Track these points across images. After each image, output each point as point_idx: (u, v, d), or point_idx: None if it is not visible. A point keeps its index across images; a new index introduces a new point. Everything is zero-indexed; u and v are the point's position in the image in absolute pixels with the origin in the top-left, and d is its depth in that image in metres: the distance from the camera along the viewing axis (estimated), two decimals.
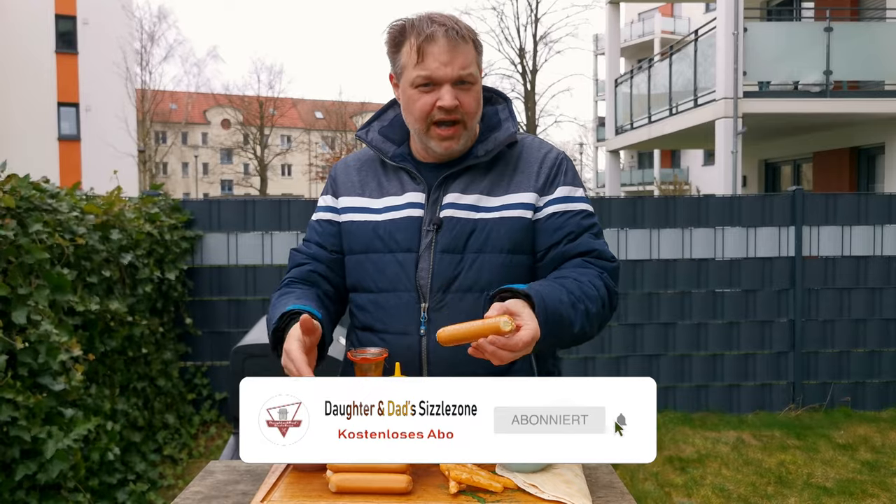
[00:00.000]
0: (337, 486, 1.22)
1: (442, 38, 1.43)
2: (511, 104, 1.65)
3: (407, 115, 1.52)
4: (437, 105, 1.45)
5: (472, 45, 1.47)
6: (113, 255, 4.01)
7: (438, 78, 1.44)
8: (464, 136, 1.50)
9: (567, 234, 1.51)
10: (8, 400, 2.77)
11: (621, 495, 1.31)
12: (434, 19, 1.45)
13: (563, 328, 1.38)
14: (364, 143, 1.63)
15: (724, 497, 4.06)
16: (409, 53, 1.46)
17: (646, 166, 35.42)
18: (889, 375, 5.62)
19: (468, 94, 1.47)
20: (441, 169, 1.55)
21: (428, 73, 1.44)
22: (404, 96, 1.51)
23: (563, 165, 1.57)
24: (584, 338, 1.47)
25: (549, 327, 1.33)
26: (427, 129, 1.49)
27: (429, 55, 1.44)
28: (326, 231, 1.62)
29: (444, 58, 1.43)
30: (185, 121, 44.51)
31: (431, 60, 1.44)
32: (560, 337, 1.39)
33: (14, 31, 22.44)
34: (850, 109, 9.80)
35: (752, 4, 12.40)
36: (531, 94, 24.10)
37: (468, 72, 1.46)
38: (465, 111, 1.47)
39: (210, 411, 5.26)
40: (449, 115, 1.46)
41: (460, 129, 1.49)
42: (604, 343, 5.51)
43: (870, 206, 5.58)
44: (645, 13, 35.63)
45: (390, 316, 1.52)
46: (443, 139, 1.49)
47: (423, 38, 1.43)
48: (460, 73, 1.45)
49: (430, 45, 1.43)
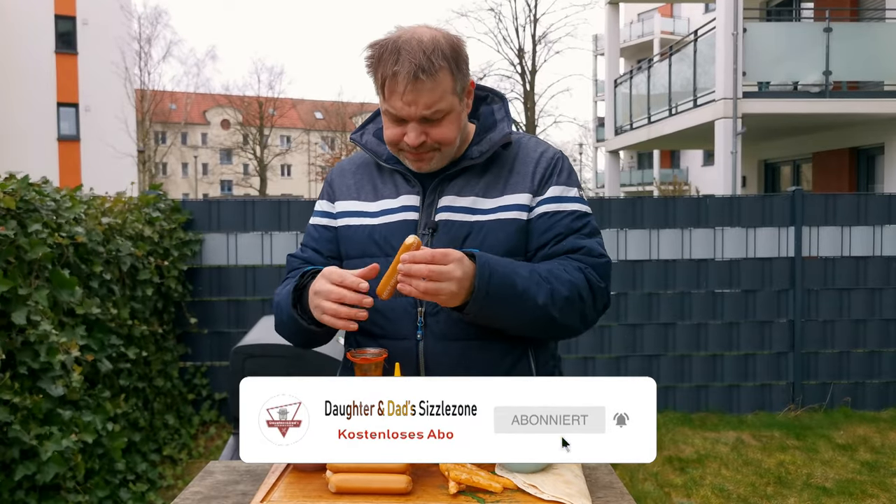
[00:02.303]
0: (337, 487, 1.22)
1: (403, 79, 1.37)
2: (507, 103, 1.63)
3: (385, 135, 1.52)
4: (405, 140, 1.45)
5: (445, 74, 1.40)
6: (113, 257, 4.01)
7: (403, 116, 1.42)
8: (437, 157, 1.48)
9: (555, 235, 1.49)
10: (6, 401, 2.77)
11: (621, 495, 1.31)
12: (401, 54, 1.37)
13: (516, 294, 1.37)
14: (359, 147, 1.62)
15: (724, 497, 4.06)
16: (379, 83, 1.43)
17: (645, 167, 35.43)
18: (889, 375, 5.62)
19: (439, 125, 1.44)
20: (435, 171, 1.54)
21: (394, 112, 1.43)
22: (382, 115, 1.50)
23: (558, 165, 1.55)
24: (557, 323, 1.43)
25: (493, 285, 1.33)
26: (398, 152, 1.49)
27: (393, 94, 1.40)
28: (323, 237, 1.61)
29: (408, 97, 1.39)
30: (185, 121, 44.51)
31: (395, 99, 1.40)
32: (512, 302, 1.37)
33: (14, 31, 22.44)
34: (849, 110, 9.80)
35: (751, 5, 12.41)
36: (530, 95, 24.10)
37: (434, 110, 1.41)
38: (436, 140, 1.45)
39: (210, 411, 5.26)
40: (415, 152, 1.46)
41: (433, 154, 1.47)
42: (604, 343, 5.51)
43: (869, 207, 5.58)
44: (644, 13, 35.63)
45: (387, 321, 1.50)
46: (415, 160, 1.49)
47: (388, 73, 1.39)
48: (423, 114, 1.41)
49: (394, 83, 1.39)
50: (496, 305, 1.36)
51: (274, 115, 44.42)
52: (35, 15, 23.19)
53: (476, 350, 1.47)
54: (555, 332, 1.50)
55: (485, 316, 1.38)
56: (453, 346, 1.47)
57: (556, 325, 1.44)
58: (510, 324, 1.43)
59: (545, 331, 1.48)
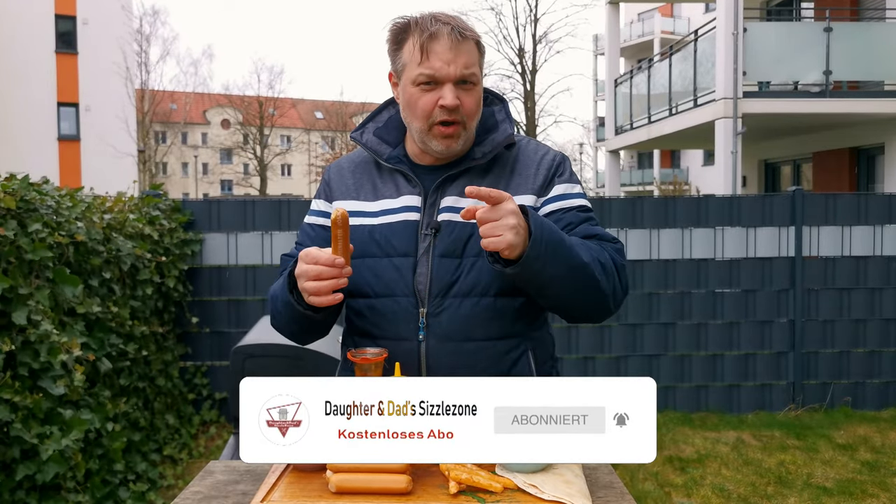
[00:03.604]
0: (337, 487, 1.22)
1: (446, 36, 1.42)
2: (508, 105, 1.63)
3: (407, 113, 1.51)
4: (439, 104, 1.44)
5: (475, 46, 1.46)
6: (113, 257, 4.02)
7: (441, 76, 1.43)
8: (463, 136, 1.49)
9: (566, 224, 1.50)
10: (6, 400, 2.77)
11: (621, 495, 1.31)
12: (438, 17, 1.44)
13: (563, 248, 1.35)
14: (358, 145, 1.61)
15: (724, 497, 4.06)
16: (412, 51, 1.44)
17: (645, 166, 35.43)
18: (889, 375, 5.62)
19: (469, 94, 1.46)
20: (437, 171, 1.53)
21: (431, 72, 1.43)
22: (405, 95, 1.49)
23: (560, 166, 1.57)
24: (600, 287, 1.41)
25: (544, 237, 1.32)
26: (429, 128, 1.47)
27: (432, 53, 1.42)
28: (320, 236, 1.60)
29: (448, 56, 1.42)
30: (185, 121, 44.51)
31: (435, 59, 1.42)
32: (562, 255, 1.35)
33: (14, 31, 22.43)
34: (849, 109, 9.80)
35: (751, 4, 12.41)
36: (531, 94, 24.08)
37: (471, 71, 1.44)
38: (465, 112, 1.46)
39: (210, 411, 5.26)
40: (450, 115, 1.45)
41: (460, 129, 1.47)
42: (604, 343, 5.52)
43: (870, 206, 5.58)
44: (644, 13, 35.63)
45: (388, 321, 1.50)
46: (444, 137, 1.47)
47: (426, 35, 1.42)
48: (463, 73, 1.43)
49: (434, 43, 1.42)
50: (549, 256, 1.33)
51: (274, 114, 44.41)
52: (35, 15, 23.19)
53: (477, 351, 1.47)
54: (595, 299, 1.44)
55: (537, 269, 1.34)
56: (455, 347, 1.47)
57: (599, 290, 1.42)
58: (558, 281, 1.37)
59: (588, 294, 1.42)
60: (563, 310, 1.48)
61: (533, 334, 1.55)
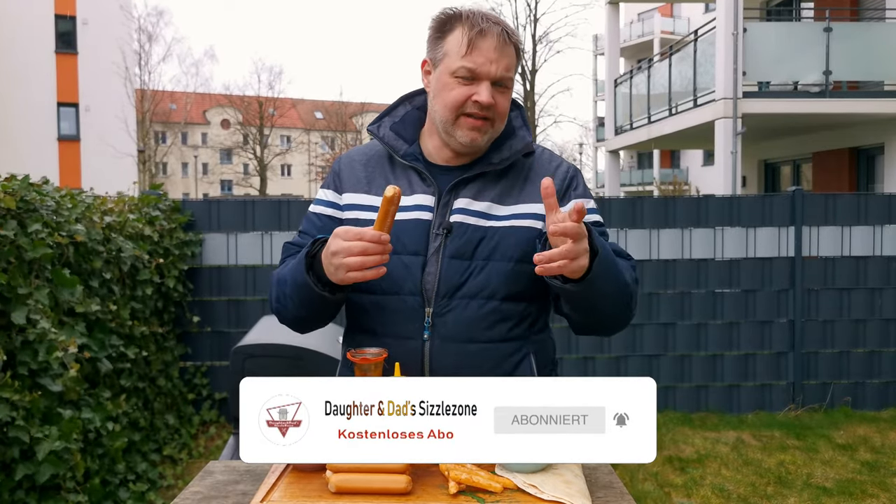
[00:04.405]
0: (336, 487, 1.22)
1: (495, 35, 1.45)
2: (524, 111, 1.63)
3: (437, 101, 1.50)
4: (473, 99, 1.45)
5: (515, 52, 1.49)
6: (113, 257, 4.02)
7: (482, 73, 1.45)
8: (489, 133, 1.50)
9: None
10: (5, 399, 2.77)
11: (621, 495, 1.31)
12: (489, 17, 1.47)
13: (615, 268, 1.39)
14: (375, 139, 1.59)
15: (724, 497, 4.06)
16: (458, 42, 1.46)
17: (645, 167, 35.42)
18: (889, 375, 5.62)
19: (503, 96, 1.48)
20: (452, 172, 1.53)
21: (473, 66, 1.45)
22: (438, 83, 1.50)
23: (575, 179, 1.58)
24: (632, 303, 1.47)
25: (607, 256, 1.35)
26: (456, 118, 1.48)
27: (478, 49, 1.44)
28: (326, 226, 1.56)
29: (492, 55, 1.44)
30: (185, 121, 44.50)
31: (479, 55, 1.44)
32: (612, 275, 1.38)
33: (14, 32, 22.44)
34: (849, 110, 9.80)
35: (751, 4, 12.41)
36: (531, 94, 24.09)
37: (509, 75, 1.48)
38: (497, 111, 1.48)
39: (210, 411, 5.26)
40: (482, 112, 1.46)
41: (488, 125, 1.49)
42: (604, 343, 5.51)
43: (869, 207, 5.58)
44: (644, 13, 35.63)
45: (393, 320, 1.49)
46: (471, 129, 1.47)
47: (476, 30, 1.44)
48: (503, 75, 1.46)
49: (482, 40, 1.44)
50: (607, 275, 1.36)
51: (274, 114, 44.41)
52: (35, 15, 23.20)
53: (480, 352, 1.48)
54: (625, 317, 1.49)
55: (598, 286, 1.36)
56: (458, 348, 1.47)
57: (630, 309, 1.48)
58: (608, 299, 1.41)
59: (623, 312, 1.47)
60: (594, 325, 1.50)
61: (535, 338, 1.55)
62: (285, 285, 1.49)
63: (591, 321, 1.49)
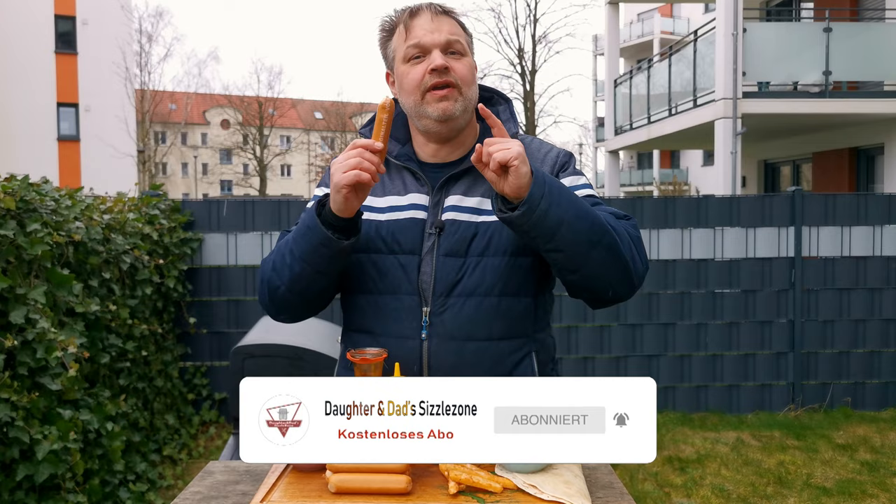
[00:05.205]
0: (336, 487, 1.22)
1: (426, 10, 1.50)
2: (512, 105, 1.63)
3: (403, 94, 1.53)
4: (429, 69, 1.47)
5: (457, 23, 1.53)
6: (113, 257, 4.01)
7: (427, 44, 1.48)
8: (460, 101, 1.49)
9: None
10: (5, 400, 2.76)
11: (621, 495, 1.31)
12: (420, 4, 1.53)
13: (567, 192, 1.35)
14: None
15: (724, 497, 4.06)
16: (400, 34, 1.51)
17: (645, 167, 35.42)
18: (889, 375, 5.62)
19: (459, 62, 1.50)
20: (442, 170, 1.54)
21: (416, 41, 1.48)
22: (399, 79, 1.53)
23: (566, 164, 1.57)
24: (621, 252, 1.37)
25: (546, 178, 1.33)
26: (422, 96, 1.48)
27: (415, 27, 1.49)
28: None
29: (430, 26, 1.49)
30: (185, 121, 44.53)
31: (418, 30, 1.49)
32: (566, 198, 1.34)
33: (14, 31, 22.43)
34: (849, 110, 9.80)
35: (751, 5, 12.41)
36: (530, 95, 24.07)
37: (455, 38, 1.50)
38: (458, 76, 1.48)
39: (210, 411, 5.25)
40: (441, 77, 1.47)
41: (455, 92, 1.48)
42: (604, 343, 5.52)
43: (869, 207, 5.58)
44: (644, 13, 35.64)
45: (390, 319, 1.49)
46: (439, 100, 1.47)
47: (407, 14, 1.51)
48: (448, 38, 1.49)
49: (416, 19, 1.50)
50: (554, 196, 1.32)
51: (274, 115, 44.42)
52: (35, 15, 23.18)
53: (480, 351, 1.47)
54: (615, 261, 1.38)
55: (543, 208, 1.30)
56: (457, 347, 1.46)
57: (619, 252, 1.38)
58: (568, 227, 1.32)
59: (608, 254, 1.37)
60: (587, 278, 1.40)
61: (536, 336, 1.54)
62: (287, 244, 1.47)
63: (573, 268, 1.39)
